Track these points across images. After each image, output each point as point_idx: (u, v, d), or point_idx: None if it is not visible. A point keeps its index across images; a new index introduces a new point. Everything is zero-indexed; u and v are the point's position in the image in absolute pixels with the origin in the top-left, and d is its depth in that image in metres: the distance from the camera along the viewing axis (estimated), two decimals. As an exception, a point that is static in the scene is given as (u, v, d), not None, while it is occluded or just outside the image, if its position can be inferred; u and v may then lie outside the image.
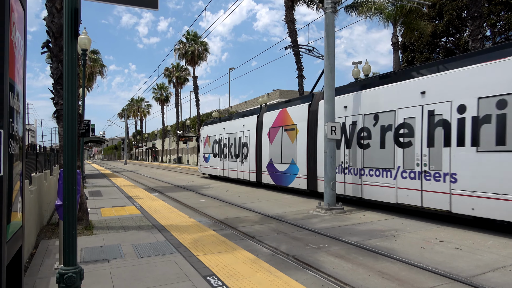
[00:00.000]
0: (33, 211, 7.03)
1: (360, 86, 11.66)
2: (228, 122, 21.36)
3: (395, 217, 9.63)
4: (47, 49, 8.52)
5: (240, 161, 19.19)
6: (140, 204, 12.33)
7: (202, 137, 25.41)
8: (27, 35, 3.39)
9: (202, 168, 25.40)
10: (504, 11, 25.57)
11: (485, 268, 5.48)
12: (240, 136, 19.26)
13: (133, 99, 73.95)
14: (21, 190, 3.14)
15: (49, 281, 5.09)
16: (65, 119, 3.34)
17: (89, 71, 33.21)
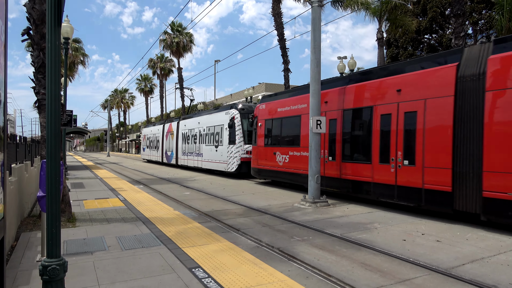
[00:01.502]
0: (13, 203, 6.87)
1: None
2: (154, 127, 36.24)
3: (378, 210, 9.80)
4: (27, 37, 8.28)
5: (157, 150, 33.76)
6: (123, 197, 12.20)
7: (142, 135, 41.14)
8: (7, 22, 3.28)
9: (143, 155, 39.68)
10: (486, 10, 26.08)
11: (464, 260, 5.64)
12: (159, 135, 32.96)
13: (116, 90, 72.66)
14: (2, 181, 3.06)
15: (31, 273, 5.00)
16: (48, 109, 3.26)
17: (71, 61, 32.43)
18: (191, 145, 24.83)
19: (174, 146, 28.38)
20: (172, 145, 28.71)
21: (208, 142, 21.89)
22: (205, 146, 22.31)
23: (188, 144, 25.39)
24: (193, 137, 24.57)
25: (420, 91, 9.01)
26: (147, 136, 37.28)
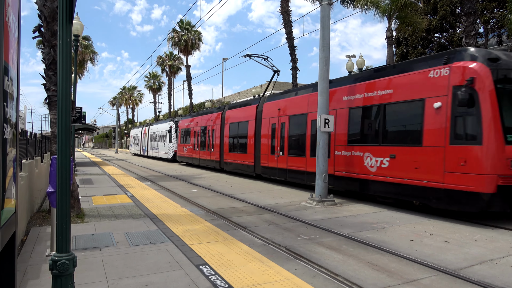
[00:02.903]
0: (23, 198, 6.97)
1: None
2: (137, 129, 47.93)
3: (385, 210, 9.75)
4: (38, 34, 8.37)
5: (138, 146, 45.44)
6: (131, 193, 12.29)
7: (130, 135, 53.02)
8: (20, 18, 3.32)
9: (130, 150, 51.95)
10: (497, 8, 25.72)
11: (472, 261, 5.59)
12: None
13: (125, 87, 73.08)
14: (14, 176, 3.10)
15: (41, 268, 5.07)
16: (59, 105, 3.30)
17: (81, 58, 32.70)
18: (154, 142, 38.16)
19: (146, 143, 41.48)
20: (145, 142, 41.84)
21: (160, 140, 35.70)
22: (159, 143, 36.03)
23: (152, 142, 38.81)
24: (154, 138, 37.86)
25: None
26: (133, 135, 51.08)
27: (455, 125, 8.35)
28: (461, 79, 8.26)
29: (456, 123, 8.35)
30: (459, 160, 8.17)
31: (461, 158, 8.12)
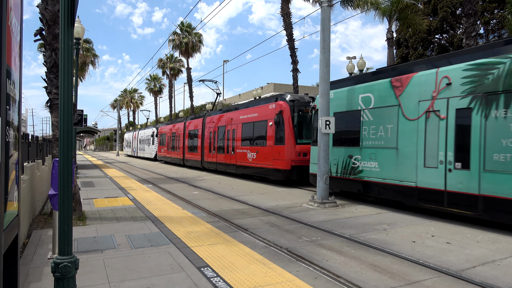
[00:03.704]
0: (25, 201, 6.98)
1: None
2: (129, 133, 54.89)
3: (387, 211, 9.74)
4: (40, 37, 8.41)
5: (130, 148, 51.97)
6: (133, 195, 12.30)
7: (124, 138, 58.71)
8: (23, 22, 3.34)
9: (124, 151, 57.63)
10: (498, 9, 25.74)
11: (474, 262, 5.58)
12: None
13: (126, 90, 73.18)
14: (16, 179, 3.11)
15: (43, 270, 5.07)
16: (61, 109, 3.31)
17: (82, 61, 32.79)
18: (141, 145, 45.11)
19: (136, 146, 48.13)
20: (135, 145, 48.73)
21: (146, 143, 42.45)
22: (145, 145, 42.91)
23: (140, 144, 45.74)
24: (142, 141, 44.74)
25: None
26: (126, 139, 57.57)
27: (277, 134, 15.75)
28: (278, 110, 15.74)
29: (277, 133, 15.72)
30: (277, 153, 15.60)
31: (278, 152, 15.57)
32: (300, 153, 15.08)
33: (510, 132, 7.28)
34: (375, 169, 10.45)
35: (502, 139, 7.39)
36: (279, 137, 15.56)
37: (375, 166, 10.48)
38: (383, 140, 10.22)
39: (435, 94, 8.89)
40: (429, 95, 9.00)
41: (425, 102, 9.09)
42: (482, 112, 7.78)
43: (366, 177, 10.72)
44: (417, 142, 9.20)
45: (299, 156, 15.03)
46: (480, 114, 7.81)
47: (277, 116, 15.56)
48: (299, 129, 15.38)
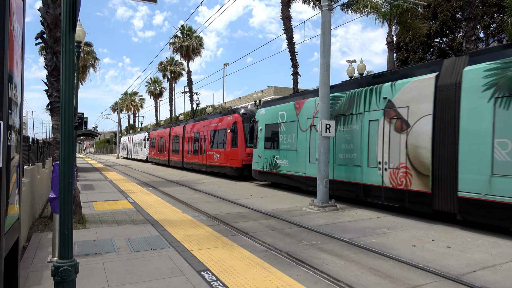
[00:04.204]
0: (25, 204, 6.98)
1: None
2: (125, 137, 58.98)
3: (387, 215, 9.73)
4: (41, 41, 8.43)
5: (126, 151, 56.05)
6: (133, 199, 12.30)
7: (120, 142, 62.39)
8: (25, 26, 3.36)
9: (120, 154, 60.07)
10: (498, 13, 25.82)
11: (475, 267, 5.57)
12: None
13: (126, 93, 73.23)
14: (17, 183, 3.12)
15: (42, 274, 5.07)
16: (62, 112, 3.32)
17: (82, 64, 32.87)
18: (135, 148, 48.77)
19: (131, 148, 52.02)
20: (130, 148, 52.33)
21: (139, 146, 46.02)
22: (139, 148, 46.38)
23: (134, 147, 49.48)
24: (135, 144, 48.55)
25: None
26: (122, 142, 61.22)
27: (232, 140, 19.86)
28: (234, 121, 19.96)
29: (233, 139, 19.84)
30: (233, 154, 19.61)
31: (234, 154, 19.59)
32: (249, 155, 18.62)
33: (347, 141, 11.50)
34: (286, 165, 14.63)
35: (342, 144, 11.68)
36: (234, 142, 19.81)
37: (286, 163, 14.64)
38: (290, 144, 14.39)
39: (314, 115, 12.92)
40: (312, 115, 13.12)
41: (310, 119, 13.21)
42: (336, 127, 11.79)
43: (282, 171, 14.90)
44: (306, 146, 13.34)
45: (248, 157, 18.83)
46: (340, 127, 11.89)
47: (233, 125, 19.95)
48: (249, 136, 19.54)
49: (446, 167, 8.52)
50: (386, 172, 10.03)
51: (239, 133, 19.60)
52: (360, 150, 10.94)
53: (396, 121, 9.84)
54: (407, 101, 9.53)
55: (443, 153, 8.63)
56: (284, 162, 14.69)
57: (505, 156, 7.29)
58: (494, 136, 7.52)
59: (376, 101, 10.51)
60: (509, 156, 7.24)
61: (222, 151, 20.97)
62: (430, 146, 8.88)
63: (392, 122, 9.98)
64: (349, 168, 11.32)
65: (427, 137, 8.97)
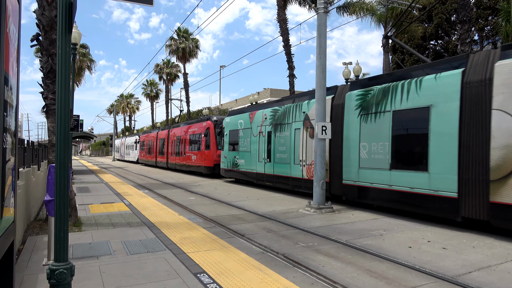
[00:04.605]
0: (21, 206, 6.94)
1: None
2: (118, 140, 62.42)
3: (383, 216, 9.76)
4: (36, 43, 8.40)
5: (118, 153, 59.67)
6: (129, 201, 12.26)
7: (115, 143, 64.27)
8: (20, 28, 3.35)
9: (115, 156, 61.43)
10: (492, 16, 26.05)
11: (470, 268, 5.60)
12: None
13: (122, 95, 73.03)
14: (13, 185, 3.10)
15: (37, 277, 5.04)
16: (58, 114, 3.31)
17: (78, 66, 32.76)
18: (127, 150, 51.42)
19: (123, 151, 54.81)
20: (123, 150, 55.14)
21: (131, 149, 48.89)
22: (130, 150, 49.18)
23: (126, 150, 52.16)
24: (127, 147, 51.34)
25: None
26: (116, 145, 64.12)
27: (206, 143, 22.93)
28: (207, 127, 23.04)
29: (206, 142, 22.94)
30: (206, 155, 22.73)
31: (207, 155, 22.71)
32: (219, 156, 21.27)
33: (282, 144, 14.52)
34: (243, 164, 17.71)
35: (279, 147, 14.75)
36: (207, 145, 22.96)
37: (243, 162, 17.70)
38: (246, 147, 17.48)
39: (262, 123, 16.17)
40: (260, 123, 16.31)
41: (259, 127, 16.37)
42: (275, 133, 15.07)
43: (240, 169, 18.03)
44: (256, 148, 16.46)
45: (218, 158, 21.58)
46: (274, 134, 15.14)
47: (206, 131, 23.14)
48: (219, 140, 22.19)
49: (337, 164, 11.65)
50: (304, 168, 13.14)
51: (211, 137, 22.83)
52: (289, 151, 14.03)
53: (310, 129, 12.85)
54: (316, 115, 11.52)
55: (335, 153, 11.77)
56: (242, 161, 17.91)
57: (365, 154, 10.56)
58: (360, 140, 10.71)
59: (299, 114, 13.53)
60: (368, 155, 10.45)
61: (198, 153, 24.29)
62: (328, 148, 11.81)
63: (308, 130, 12.99)
64: (284, 165, 14.41)
65: (326, 142, 11.64)
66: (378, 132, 10.11)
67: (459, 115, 8.16)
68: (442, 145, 8.46)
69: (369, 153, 10.30)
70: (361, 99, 10.74)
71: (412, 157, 9.40)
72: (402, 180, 9.40)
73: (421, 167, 8.95)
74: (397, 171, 9.57)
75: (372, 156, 10.29)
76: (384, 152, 9.93)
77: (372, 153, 10.29)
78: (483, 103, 7.70)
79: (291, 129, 13.94)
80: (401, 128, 9.60)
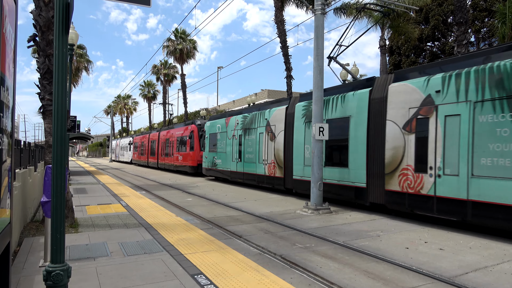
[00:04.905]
0: (17, 208, 6.90)
1: None
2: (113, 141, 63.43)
3: (380, 217, 9.77)
4: (33, 43, 8.37)
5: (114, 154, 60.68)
6: (126, 202, 12.22)
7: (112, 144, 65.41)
8: (17, 29, 3.34)
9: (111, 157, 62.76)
10: (488, 18, 26.18)
11: (467, 269, 5.62)
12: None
13: (119, 96, 72.79)
14: (9, 186, 3.09)
15: (34, 278, 5.01)
16: (55, 115, 3.30)
17: (75, 67, 32.65)
18: (122, 151, 53.52)
19: (118, 152, 56.45)
20: (118, 151, 56.82)
21: (125, 150, 50.92)
22: (125, 152, 51.13)
23: (121, 151, 54.26)
24: (122, 148, 53.25)
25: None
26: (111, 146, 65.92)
27: (190, 145, 25.44)
28: (191, 130, 25.64)
29: (190, 144, 25.50)
30: (191, 156, 25.23)
31: (191, 156, 25.19)
32: (202, 156, 23.27)
33: (249, 146, 16.81)
34: (220, 163, 20.01)
35: (247, 148, 16.94)
36: (191, 147, 25.40)
37: (220, 161, 20.04)
38: (222, 148, 19.81)
39: (235, 128, 18.49)
40: (233, 128, 18.63)
41: (232, 131, 18.70)
42: (245, 136, 17.35)
43: (218, 167, 20.30)
44: (230, 150, 18.78)
45: (201, 158, 23.61)
46: (244, 138, 17.43)
47: (191, 133, 25.57)
48: (202, 142, 24.01)
49: (289, 162, 13.91)
50: (266, 166, 15.52)
51: (195, 139, 25.22)
52: (255, 152, 16.36)
53: (270, 133, 15.31)
54: (274, 121, 14.98)
55: (288, 154, 14.02)
56: (219, 161, 20.29)
57: (308, 154, 12.60)
58: (305, 143, 12.94)
59: (262, 120, 15.90)
60: (310, 155, 12.13)
61: (184, 154, 26.84)
62: (283, 149, 14.34)
63: (268, 134, 15.43)
64: (251, 164, 16.73)
65: (282, 144, 14.42)
66: None
67: (367, 124, 10.53)
68: (357, 147, 10.79)
69: (310, 153, 11.86)
70: (306, 109, 13.03)
71: (338, 156, 11.74)
72: (332, 175, 11.70)
73: (344, 164, 11.26)
74: (329, 168, 11.86)
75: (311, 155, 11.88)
76: None
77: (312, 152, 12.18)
78: (382, 115, 10.00)
79: (256, 133, 16.40)
80: (332, 133, 11.31)
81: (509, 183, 7.06)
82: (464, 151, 7.92)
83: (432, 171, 8.61)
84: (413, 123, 9.14)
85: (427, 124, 8.78)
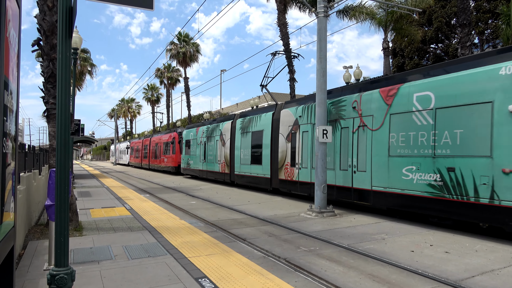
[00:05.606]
0: (21, 211, 6.92)
1: None
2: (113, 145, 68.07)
3: (385, 220, 9.72)
4: (37, 47, 8.42)
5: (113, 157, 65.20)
6: (130, 205, 12.23)
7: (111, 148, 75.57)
8: (21, 33, 3.35)
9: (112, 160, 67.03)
10: (492, 19, 26.08)
11: (473, 272, 5.56)
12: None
13: (123, 99, 73.15)
14: (13, 190, 3.09)
15: (38, 282, 5.01)
16: (58, 119, 3.31)
17: (79, 71, 32.84)
18: (120, 154, 57.66)
19: (118, 155, 60.32)
20: (117, 155, 60.81)
21: (124, 153, 54.67)
22: (123, 155, 55.43)
23: (120, 154, 58.35)
24: (121, 151, 57.68)
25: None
26: (111, 149, 70.57)
27: (172, 149, 30.87)
28: (173, 136, 30.80)
29: (173, 148, 30.72)
30: (173, 159, 30.43)
31: (174, 158, 30.38)
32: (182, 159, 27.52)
33: (210, 149, 21.94)
34: (193, 164, 24.78)
35: (209, 151, 22.07)
36: (173, 151, 30.27)
37: (193, 162, 24.80)
38: (193, 152, 24.61)
39: (202, 136, 23.29)
40: (201, 136, 23.51)
41: (200, 138, 23.61)
42: (208, 142, 22.32)
43: (191, 167, 25.07)
44: (200, 153, 23.37)
45: (182, 160, 27.70)
46: (207, 143, 22.39)
47: (173, 139, 30.45)
48: (181, 147, 28.17)
49: (232, 161, 18.89)
50: (220, 165, 20.39)
51: (176, 144, 30.17)
52: (214, 155, 21.13)
53: (222, 140, 20.21)
54: (225, 132, 19.89)
55: (232, 155, 18.92)
56: (192, 162, 25.12)
57: (242, 155, 18.06)
58: (240, 147, 18.03)
59: (218, 130, 20.90)
60: (243, 155, 17.94)
61: (168, 156, 31.95)
62: (229, 152, 19.13)
63: (221, 141, 20.33)
64: (211, 164, 21.50)
65: (228, 149, 19.27)
66: (246, 143, 17.50)
67: (271, 135, 15.56)
68: (266, 151, 15.73)
69: (243, 154, 17.66)
70: (241, 123, 18.24)
71: (258, 157, 16.43)
72: (254, 170, 16.75)
73: (260, 162, 16.23)
74: (253, 165, 16.78)
75: (244, 156, 17.63)
76: (248, 154, 17.24)
77: (245, 154, 17.62)
78: (277, 130, 15.03)
79: (214, 140, 21.30)
80: (254, 141, 16.71)
81: (313, 171, 12.28)
82: (309, 153, 12.88)
83: (298, 166, 13.58)
84: (290, 136, 14.15)
85: (296, 136, 13.79)
